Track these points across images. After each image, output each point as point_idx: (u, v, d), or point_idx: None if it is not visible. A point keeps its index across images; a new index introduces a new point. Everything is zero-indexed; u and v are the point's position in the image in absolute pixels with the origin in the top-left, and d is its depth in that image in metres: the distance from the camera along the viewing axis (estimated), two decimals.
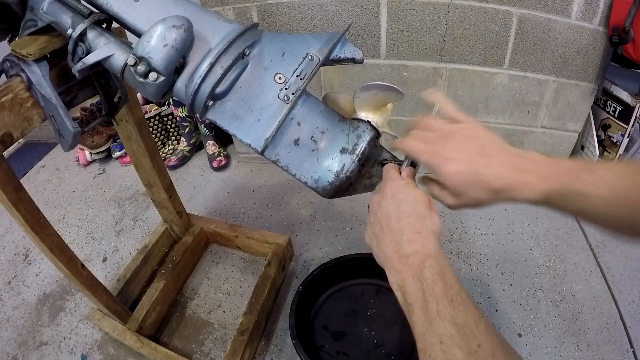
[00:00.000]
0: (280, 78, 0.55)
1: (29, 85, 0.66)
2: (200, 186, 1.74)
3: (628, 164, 0.38)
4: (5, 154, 0.67)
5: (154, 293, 1.15)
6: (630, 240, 0.39)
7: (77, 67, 0.58)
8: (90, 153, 1.92)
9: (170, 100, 1.82)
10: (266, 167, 1.79)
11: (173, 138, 1.98)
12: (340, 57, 0.59)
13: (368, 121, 0.58)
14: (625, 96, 1.37)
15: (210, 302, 1.25)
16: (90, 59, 0.57)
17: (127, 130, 0.98)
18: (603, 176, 0.37)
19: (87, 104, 1.74)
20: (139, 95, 1.41)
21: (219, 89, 0.55)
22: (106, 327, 1.11)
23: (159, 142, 1.95)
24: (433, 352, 0.35)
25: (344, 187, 0.57)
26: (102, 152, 1.94)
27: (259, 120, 0.54)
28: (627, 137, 1.41)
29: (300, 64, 0.55)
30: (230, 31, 0.56)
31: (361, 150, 0.55)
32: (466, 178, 0.41)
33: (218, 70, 0.53)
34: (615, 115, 1.42)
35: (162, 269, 1.24)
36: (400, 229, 0.44)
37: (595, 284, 1.21)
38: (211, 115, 0.56)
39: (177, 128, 1.94)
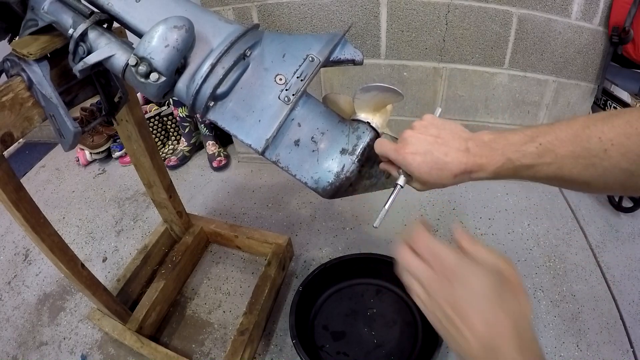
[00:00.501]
0: (280, 79, 0.55)
1: (30, 85, 0.66)
2: (200, 186, 1.74)
3: (573, 122, 0.40)
4: (6, 153, 0.67)
5: (154, 293, 1.15)
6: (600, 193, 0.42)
7: (78, 67, 0.58)
8: (90, 153, 1.92)
9: (170, 100, 1.82)
10: (266, 167, 1.79)
11: (173, 138, 1.98)
12: (340, 58, 0.59)
13: (368, 122, 0.58)
14: (625, 96, 1.37)
15: (210, 302, 1.25)
16: (92, 59, 0.57)
17: (127, 130, 0.98)
18: (547, 144, 0.40)
19: (87, 103, 1.74)
20: (139, 95, 1.41)
21: (220, 90, 0.55)
22: (106, 327, 1.11)
23: (159, 142, 1.95)
24: None
25: (344, 187, 0.57)
26: (102, 152, 1.94)
27: (259, 121, 0.54)
28: None
29: (300, 65, 0.56)
30: (231, 32, 0.56)
31: (361, 151, 0.56)
32: (429, 167, 0.46)
33: (219, 71, 0.53)
34: None
35: (162, 269, 1.24)
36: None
37: (595, 284, 1.21)
38: (212, 116, 0.56)
39: (177, 128, 1.94)
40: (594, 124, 0.38)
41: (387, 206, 0.53)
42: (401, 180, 0.52)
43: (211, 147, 1.86)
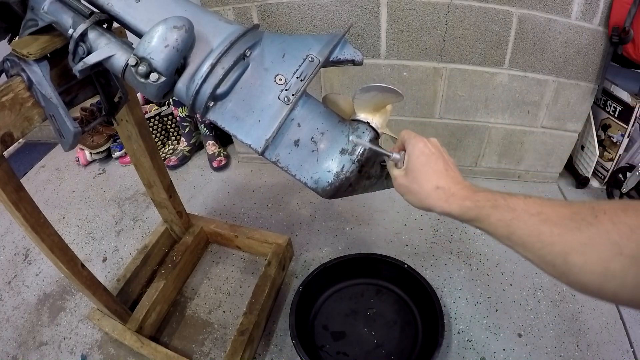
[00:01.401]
0: (280, 79, 0.55)
1: (30, 85, 0.66)
2: (200, 186, 1.74)
3: (568, 202, 0.40)
4: (5, 154, 0.67)
5: (154, 293, 1.15)
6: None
7: (77, 67, 0.58)
8: (90, 153, 1.92)
9: (170, 100, 1.82)
10: (266, 167, 1.79)
11: (173, 138, 1.98)
12: (340, 58, 0.59)
13: (367, 122, 0.58)
14: (625, 96, 1.37)
15: (210, 302, 1.25)
16: (91, 59, 0.57)
17: (127, 130, 0.98)
18: (538, 200, 0.41)
19: (87, 103, 1.74)
20: (139, 95, 1.41)
21: (220, 90, 0.55)
22: (106, 327, 1.11)
23: (159, 142, 1.95)
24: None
25: (344, 187, 0.57)
26: (102, 152, 1.94)
27: (259, 121, 0.54)
28: (627, 137, 1.41)
29: (300, 65, 0.56)
30: (231, 32, 0.56)
31: (361, 151, 0.56)
32: (426, 160, 0.49)
33: (219, 71, 0.53)
34: (615, 115, 1.42)
35: (162, 269, 1.24)
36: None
37: None
38: (212, 116, 0.56)
39: (177, 128, 1.94)
40: (588, 202, 0.38)
41: (369, 146, 0.55)
42: (394, 156, 0.53)
43: (211, 147, 1.86)
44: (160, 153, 1.81)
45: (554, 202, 0.40)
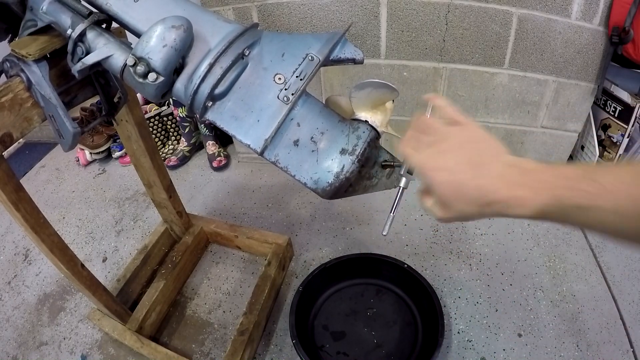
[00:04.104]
0: (280, 78, 0.55)
1: (29, 86, 0.66)
2: (200, 186, 1.74)
3: (634, 167, 0.32)
4: (5, 154, 0.67)
5: (154, 293, 1.15)
6: None
7: (76, 68, 0.58)
8: (90, 153, 1.92)
9: (170, 100, 1.82)
10: (266, 167, 1.79)
11: (173, 138, 1.98)
12: (340, 57, 0.58)
13: (367, 122, 0.58)
14: (625, 96, 1.36)
15: (210, 302, 1.25)
16: (90, 59, 0.57)
17: (127, 130, 0.97)
18: (607, 185, 0.32)
19: (87, 104, 1.74)
20: (138, 95, 1.40)
21: (218, 90, 0.54)
22: (106, 327, 1.11)
23: (159, 142, 1.95)
24: None
25: (344, 188, 0.57)
26: (102, 152, 1.94)
27: (258, 120, 0.54)
28: (627, 137, 1.41)
29: (300, 65, 0.55)
30: (229, 31, 0.56)
31: (361, 151, 0.55)
32: (453, 189, 0.38)
33: (217, 71, 0.53)
34: (615, 115, 1.42)
35: (162, 269, 1.24)
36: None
37: (595, 284, 1.21)
38: (211, 116, 0.56)
39: (177, 128, 1.94)
40: None
41: (393, 213, 0.52)
42: (403, 182, 0.51)
43: (211, 147, 1.86)
44: (160, 153, 1.81)
45: (624, 176, 0.32)
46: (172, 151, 1.94)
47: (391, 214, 0.52)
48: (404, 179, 0.50)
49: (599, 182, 0.32)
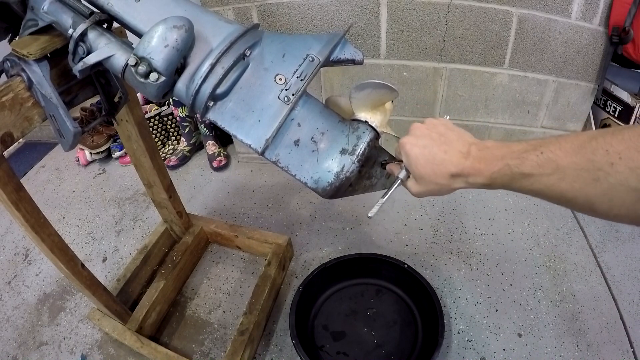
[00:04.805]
0: (280, 79, 0.55)
1: (30, 85, 0.66)
2: (200, 186, 1.74)
3: (580, 134, 0.38)
4: (6, 153, 0.67)
5: (154, 293, 1.15)
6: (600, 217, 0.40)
7: (77, 67, 0.58)
8: (90, 153, 1.92)
9: (170, 100, 1.82)
10: (266, 167, 1.79)
11: (173, 138, 1.98)
12: (340, 58, 0.59)
13: (367, 122, 0.58)
14: (625, 96, 1.37)
15: (210, 302, 1.25)
16: (91, 59, 0.57)
17: (127, 130, 0.97)
18: (549, 153, 0.38)
19: (87, 103, 1.74)
20: (139, 95, 1.40)
21: (220, 90, 0.55)
22: (106, 327, 1.11)
23: (159, 142, 1.95)
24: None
25: (344, 187, 0.57)
26: (102, 152, 1.94)
27: (259, 120, 0.54)
28: None
29: (300, 65, 0.55)
30: (231, 32, 0.56)
31: (361, 151, 0.56)
32: (425, 161, 0.47)
33: (219, 71, 0.53)
34: (615, 115, 1.42)
35: (162, 269, 1.24)
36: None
37: (595, 284, 1.21)
38: (212, 116, 0.56)
39: (177, 128, 1.94)
40: (602, 135, 0.35)
41: (385, 197, 0.55)
42: (402, 174, 0.53)
43: (211, 147, 1.86)
44: (160, 153, 1.81)
45: (566, 146, 0.38)
46: (172, 151, 1.94)
47: (382, 198, 0.55)
48: (403, 171, 0.53)
49: (543, 151, 0.39)
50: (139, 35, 0.56)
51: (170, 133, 1.97)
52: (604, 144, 0.35)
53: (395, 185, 0.54)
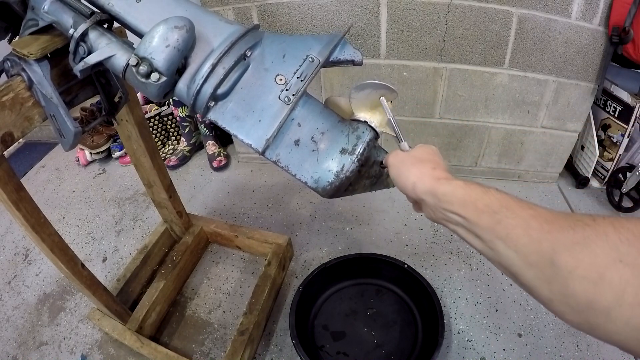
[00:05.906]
0: (281, 79, 0.55)
1: (30, 85, 0.66)
2: (200, 186, 1.75)
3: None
4: (6, 153, 0.67)
5: (154, 293, 1.15)
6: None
7: (78, 67, 0.58)
8: (90, 153, 1.92)
9: (170, 100, 1.82)
10: (266, 167, 1.79)
11: (173, 138, 1.98)
12: (340, 58, 0.59)
13: (367, 122, 0.58)
14: (625, 96, 1.37)
15: (210, 302, 1.25)
16: (92, 59, 0.57)
17: (127, 130, 0.98)
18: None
19: (88, 103, 1.74)
20: (139, 95, 1.41)
21: (221, 90, 0.55)
22: (106, 327, 1.11)
23: (159, 142, 1.95)
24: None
25: (344, 187, 0.58)
26: (102, 152, 1.94)
27: (260, 120, 0.55)
28: (627, 137, 1.42)
29: (300, 66, 0.56)
30: (232, 32, 0.56)
31: (361, 151, 0.56)
32: (394, 179, 0.52)
33: (220, 72, 0.53)
34: (615, 115, 1.43)
35: (162, 269, 1.24)
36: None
37: None
38: (213, 116, 0.56)
39: (177, 128, 1.94)
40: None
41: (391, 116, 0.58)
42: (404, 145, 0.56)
43: (211, 147, 1.86)
44: (160, 153, 1.81)
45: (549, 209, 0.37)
46: (172, 151, 1.94)
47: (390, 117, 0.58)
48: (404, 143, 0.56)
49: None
50: (140, 35, 0.56)
51: (170, 133, 1.97)
52: (590, 214, 0.32)
53: (398, 135, 0.57)
